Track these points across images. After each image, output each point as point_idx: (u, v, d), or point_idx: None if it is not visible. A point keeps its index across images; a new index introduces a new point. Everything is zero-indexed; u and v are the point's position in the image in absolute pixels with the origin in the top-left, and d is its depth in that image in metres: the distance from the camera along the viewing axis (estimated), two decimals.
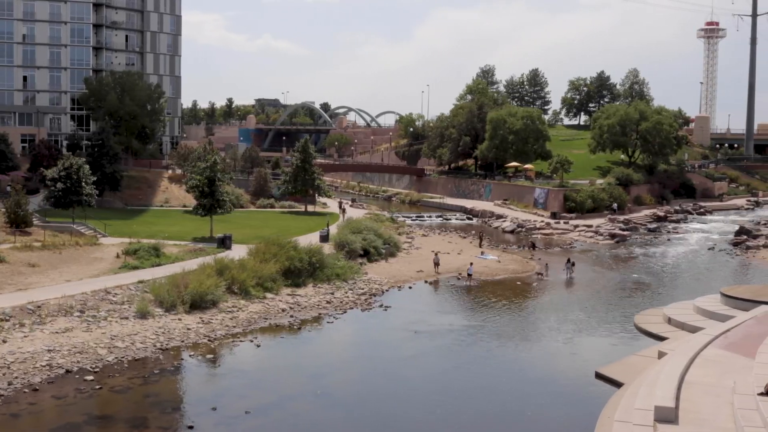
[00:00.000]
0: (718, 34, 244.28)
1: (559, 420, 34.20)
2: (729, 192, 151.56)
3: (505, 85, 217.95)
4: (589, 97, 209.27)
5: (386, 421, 33.80)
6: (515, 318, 53.37)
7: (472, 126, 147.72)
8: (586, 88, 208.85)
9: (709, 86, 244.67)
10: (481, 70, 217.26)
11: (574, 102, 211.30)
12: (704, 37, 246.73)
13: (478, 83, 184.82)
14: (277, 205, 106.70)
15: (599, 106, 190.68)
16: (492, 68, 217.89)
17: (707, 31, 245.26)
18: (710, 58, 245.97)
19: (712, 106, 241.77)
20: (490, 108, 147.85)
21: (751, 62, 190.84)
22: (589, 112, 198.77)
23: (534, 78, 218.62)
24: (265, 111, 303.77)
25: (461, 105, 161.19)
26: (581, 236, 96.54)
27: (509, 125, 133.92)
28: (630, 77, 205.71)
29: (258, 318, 49.58)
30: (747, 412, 28.92)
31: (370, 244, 72.08)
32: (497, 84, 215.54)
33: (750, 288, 54.48)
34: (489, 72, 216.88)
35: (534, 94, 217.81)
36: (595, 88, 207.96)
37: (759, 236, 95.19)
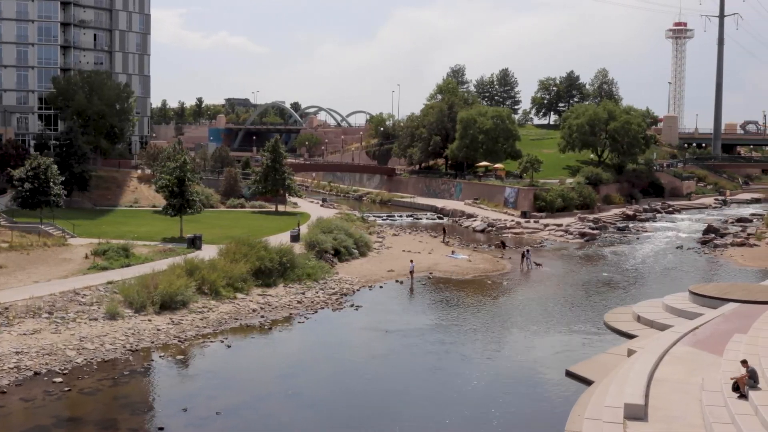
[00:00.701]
0: (686, 35, 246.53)
1: (530, 418, 34.33)
2: (697, 191, 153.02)
3: (476, 84, 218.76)
4: (558, 96, 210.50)
5: (357, 421, 33.75)
6: (485, 317, 53.49)
7: (442, 125, 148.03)
8: (555, 88, 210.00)
9: (678, 86, 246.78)
10: (452, 69, 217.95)
11: (543, 102, 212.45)
12: (672, 37, 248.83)
13: (449, 83, 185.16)
14: (247, 205, 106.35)
15: (569, 105, 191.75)
16: (462, 68, 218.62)
17: (675, 32, 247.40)
18: (678, 59, 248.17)
19: (680, 105, 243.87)
20: (460, 108, 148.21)
21: (718, 62, 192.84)
22: (559, 112, 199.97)
23: (504, 78, 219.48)
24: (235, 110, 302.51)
25: (431, 104, 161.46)
26: (551, 235, 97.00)
27: (479, 125, 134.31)
28: (599, 77, 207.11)
29: (228, 318, 49.37)
30: (715, 408, 29.22)
31: (341, 244, 72.01)
32: (467, 84, 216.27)
33: (718, 286, 54.99)
34: (459, 72, 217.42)
35: (504, 93, 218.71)
36: (564, 87, 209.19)
37: (726, 235, 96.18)
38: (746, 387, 29.99)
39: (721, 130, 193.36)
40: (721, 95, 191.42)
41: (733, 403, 29.34)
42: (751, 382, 30.29)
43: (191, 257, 56.24)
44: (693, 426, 28.73)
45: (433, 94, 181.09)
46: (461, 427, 33.03)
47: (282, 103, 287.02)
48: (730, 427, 27.61)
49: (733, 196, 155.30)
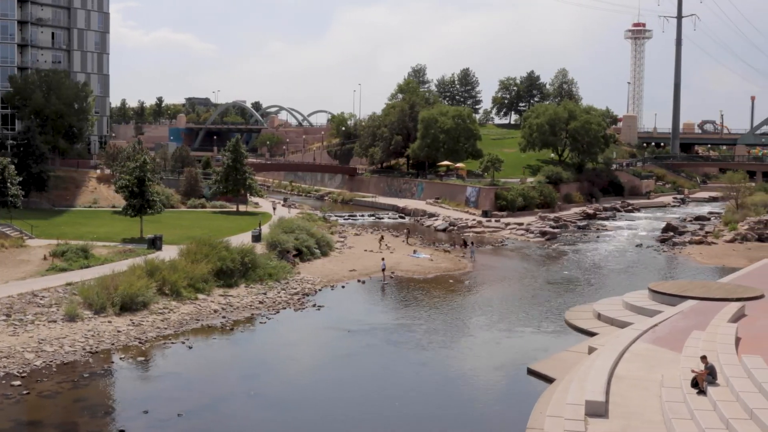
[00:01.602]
0: (645, 35, 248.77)
1: (492, 416, 34.47)
2: (656, 190, 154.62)
3: (437, 84, 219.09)
4: (519, 96, 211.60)
5: (320, 421, 33.68)
6: (447, 316, 53.64)
7: (403, 125, 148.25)
8: (516, 88, 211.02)
9: (636, 86, 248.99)
10: (413, 69, 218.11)
11: (504, 101, 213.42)
12: (631, 38, 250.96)
13: (409, 82, 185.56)
14: (208, 205, 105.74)
15: (529, 105, 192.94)
16: (423, 67, 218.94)
17: (634, 32, 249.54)
18: (637, 59, 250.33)
19: (639, 105, 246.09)
20: (421, 107, 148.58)
21: (676, 63, 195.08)
22: (520, 112, 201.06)
23: (465, 77, 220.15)
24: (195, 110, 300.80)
25: (393, 104, 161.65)
26: (512, 234, 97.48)
27: (440, 124, 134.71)
28: (559, 77, 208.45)
29: (190, 319, 49.04)
30: (674, 404, 29.53)
31: (303, 244, 71.84)
32: (429, 83, 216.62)
33: (676, 283, 55.58)
34: (420, 71, 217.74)
35: (465, 93, 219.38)
36: (525, 87, 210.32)
37: (685, 233, 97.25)
38: (705, 383, 30.35)
39: (679, 129, 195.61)
40: (679, 95, 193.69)
41: (692, 399, 29.67)
42: (710, 378, 30.66)
43: (152, 258, 55.83)
44: (653, 422, 29.02)
45: (394, 93, 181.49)
46: (423, 426, 33.08)
47: (243, 103, 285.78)
48: (689, 423, 27.92)
49: (691, 194, 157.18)
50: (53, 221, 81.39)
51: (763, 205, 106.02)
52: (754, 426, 26.60)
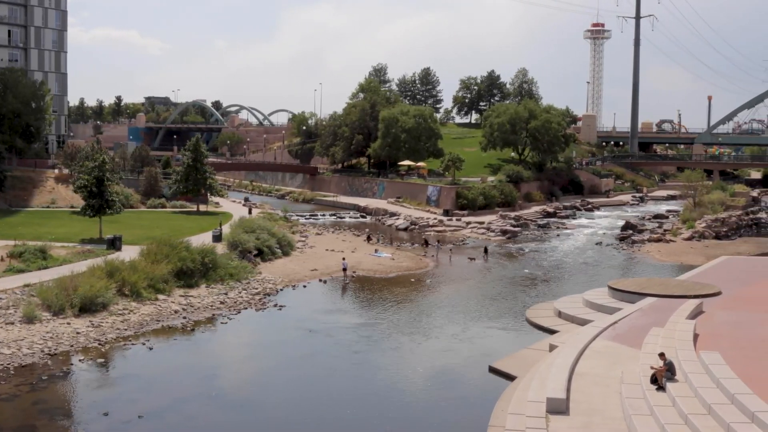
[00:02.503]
0: (604, 35, 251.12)
1: (454, 414, 34.55)
2: (615, 188, 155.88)
3: (398, 83, 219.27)
4: (479, 95, 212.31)
5: (281, 421, 33.60)
6: (409, 314, 53.73)
7: (364, 124, 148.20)
8: (476, 87, 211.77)
9: (596, 86, 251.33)
10: (374, 68, 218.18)
11: (465, 101, 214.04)
12: (590, 38, 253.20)
13: (370, 82, 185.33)
14: (168, 205, 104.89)
15: (490, 104, 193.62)
16: (384, 67, 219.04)
17: (593, 32, 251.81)
18: (596, 59, 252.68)
19: (598, 105, 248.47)
20: (382, 106, 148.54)
21: (634, 63, 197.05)
22: (480, 111, 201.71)
23: (426, 77, 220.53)
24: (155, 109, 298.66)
25: (354, 103, 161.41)
26: (473, 233, 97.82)
27: (401, 124, 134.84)
28: (519, 76, 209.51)
29: (150, 320, 48.66)
30: (634, 400, 29.82)
31: (264, 244, 71.56)
32: (390, 82, 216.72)
33: (636, 281, 56.15)
34: (381, 70, 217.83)
35: (426, 92, 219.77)
36: (485, 87, 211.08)
37: (644, 231, 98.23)
38: (664, 379, 30.68)
39: (637, 128, 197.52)
40: (637, 95, 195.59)
41: (652, 395, 29.98)
42: (669, 374, 31.00)
43: (111, 258, 55.27)
44: (613, 418, 29.29)
45: (355, 92, 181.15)
46: (386, 425, 33.11)
47: (203, 102, 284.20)
48: (649, 419, 28.21)
49: (650, 193, 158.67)
50: (10, 222, 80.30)
51: (720, 204, 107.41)
52: (712, 421, 26.95)
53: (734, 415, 26.83)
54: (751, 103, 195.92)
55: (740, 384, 29.16)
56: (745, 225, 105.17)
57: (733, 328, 40.34)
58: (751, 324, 41.11)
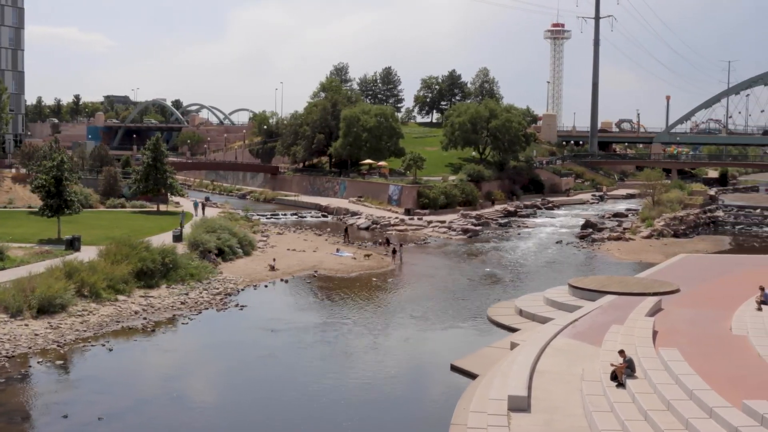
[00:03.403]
0: (564, 36, 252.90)
1: (416, 413, 34.61)
2: (575, 187, 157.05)
3: (359, 82, 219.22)
4: (441, 95, 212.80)
5: (243, 422, 33.46)
6: (370, 314, 53.72)
7: (326, 124, 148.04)
8: (438, 87, 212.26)
9: (556, 85, 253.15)
10: (335, 67, 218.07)
11: (426, 100, 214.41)
12: (551, 38, 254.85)
13: (332, 81, 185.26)
14: (128, 204, 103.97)
15: (451, 104, 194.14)
16: (345, 66, 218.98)
17: (553, 32, 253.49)
18: (556, 59, 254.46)
19: (558, 104, 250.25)
20: (344, 106, 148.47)
21: (594, 63, 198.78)
22: (442, 110, 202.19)
23: (387, 76, 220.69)
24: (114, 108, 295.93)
25: (315, 102, 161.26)
26: (435, 232, 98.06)
27: (363, 123, 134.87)
28: (480, 76, 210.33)
29: (110, 321, 48.20)
30: (594, 397, 30.06)
31: (225, 243, 71.20)
32: (351, 82, 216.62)
33: (596, 279, 56.60)
34: (342, 70, 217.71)
35: (387, 92, 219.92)
36: (446, 86, 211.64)
37: (603, 229, 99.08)
38: (624, 376, 30.96)
39: (597, 128, 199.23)
40: (597, 94, 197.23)
41: (612, 392, 30.24)
42: (629, 371, 31.28)
43: (70, 259, 54.62)
44: (574, 415, 29.50)
45: (316, 92, 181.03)
46: (346, 425, 33.09)
47: (163, 101, 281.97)
48: (609, 415, 28.45)
49: (609, 192, 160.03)
50: None
51: (678, 202, 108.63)
52: (671, 417, 27.24)
53: (693, 410, 27.15)
54: (709, 103, 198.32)
55: (698, 380, 29.51)
56: (703, 223, 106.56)
57: (691, 325, 40.81)
58: (709, 320, 41.61)
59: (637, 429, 26.89)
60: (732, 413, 26.17)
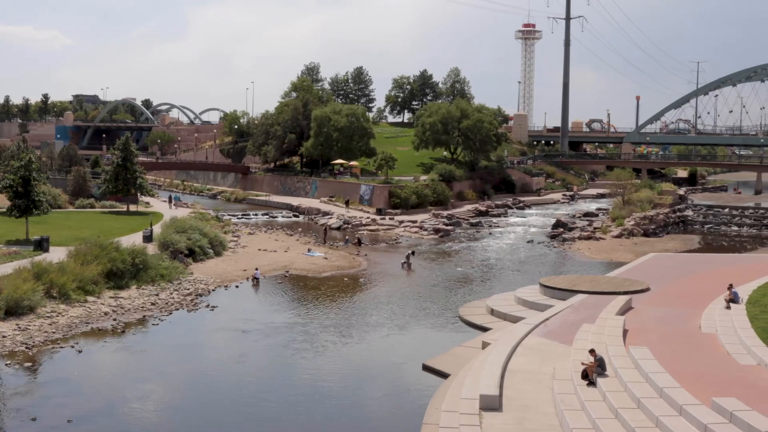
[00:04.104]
0: (535, 36, 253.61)
1: (388, 413, 34.59)
2: (546, 187, 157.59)
3: (330, 82, 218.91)
4: (412, 95, 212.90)
5: (214, 423, 33.28)
6: (342, 314, 53.63)
7: (297, 123, 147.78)
8: (409, 87, 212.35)
9: (527, 85, 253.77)
10: (306, 67, 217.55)
11: (398, 100, 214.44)
12: (522, 38, 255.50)
13: (303, 81, 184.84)
14: (97, 205, 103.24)
15: (422, 104, 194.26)
16: (317, 66, 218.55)
17: (524, 33, 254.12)
18: (527, 59, 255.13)
19: (529, 104, 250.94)
20: (315, 105, 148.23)
21: (565, 63, 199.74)
22: (413, 110, 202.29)
23: (358, 76, 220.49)
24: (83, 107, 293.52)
25: (286, 102, 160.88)
26: (406, 231, 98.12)
27: (334, 123, 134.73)
28: (452, 76, 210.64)
29: (79, 322, 47.79)
30: (566, 396, 30.17)
31: (195, 244, 70.85)
32: (322, 81, 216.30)
33: (566, 278, 56.86)
34: (314, 69, 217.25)
35: (359, 91, 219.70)
36: (418, 86, 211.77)
37: (574, 229, 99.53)
38: (595, 375, 31.10)
39: (568, 128, 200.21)
40: (567, 94, 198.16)
41: (583, 390, 30.37)
42: (599, 369, 31.44)
43: (38, 260, 54.14)
44: (545, 414, 29.60)
45: (287, 91, 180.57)
46: (319, 426, 33.01)
47: (133, 100, 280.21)
48: (580, 413, 28.58)
49: (580, 191, 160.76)
50: None
51: (648, 202, 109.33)
52: (641, 415, 27.40)
53: (663, 408, 27.33)
54: (678, 104, 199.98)
55: (668, 378, 29.70)
56: (673, 222, 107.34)
57: (661, 324, 41.08)
58: (679, 319, 41.91)
59: (608, 427, 27.03)
60: (701, 411, 26.37)
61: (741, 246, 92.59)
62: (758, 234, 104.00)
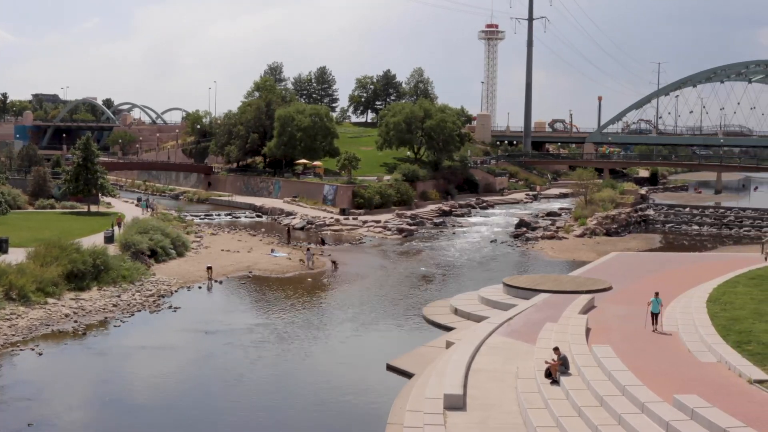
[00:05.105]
0: (498, 36, 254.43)
1: (352, 413, 34.53)
2: (509, 186, 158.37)
3: (293, 82, 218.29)
4: (375, 95, 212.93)
5: (178, 424, 33.05)
6: (306, 314, 53.50)
7: (260, 123, 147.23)
8: (372, 87, 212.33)
9: (490, 86, 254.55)
10: (269, 67, 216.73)
11: (361, 100, 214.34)
12: (485, 38, 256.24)
13: (266, 80, 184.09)
14: (58, 205, 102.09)
15: (386, 104, 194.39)
16: (280, 65, 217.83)
17: (487, 33, 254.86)
18: (491, 59, 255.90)
19: (492, 104, 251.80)
20: (278, 105, 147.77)
21: (527, 63, 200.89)
22: (376, 110, 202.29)
23: (322, 75, 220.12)
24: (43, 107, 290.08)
25: (249, 102, 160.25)
26: (370, 231, 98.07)
27: (297, 122, 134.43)
28: (415, 76, 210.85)
29: (39, 325, 47.18)
30: (529, 395, 30.31)
31: (158, 244, 70.28)
32: (285, 81, 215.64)
33: (530, 278, 57.12)
34: (277, 69, 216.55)
35: (322, 91, 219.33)
36: (381, 86, 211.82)
37: (537, 228, 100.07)
38: (558, 373, 31.26)
39: (531, 128, 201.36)
40: (530, 95, 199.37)
41: (546, 388, 30.52)
42: (563, 368, 31.61)
43: None
44: (509, 412, 29.71)
45: (250, 91, 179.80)
46: (283, 426, 32.90)
47: (94, 100, 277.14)
48: (544, 412, 28.71)
49: (543, 191, 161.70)
50: None
51: (610, 201, 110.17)
52: (604, 413, 27.58)
53: (625, 406, 27.53)
54: (639, 104, 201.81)
55: (630, 376, 29.93)
56: (634, 222, 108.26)
57: (623, 322, 41.40)
58: (641, 317, 42.20)
59: (571, 425, 27.18)
60: (663, 408, 26.60)
61: (701, 245, 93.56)
62: (718, 233, 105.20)
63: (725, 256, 73.11)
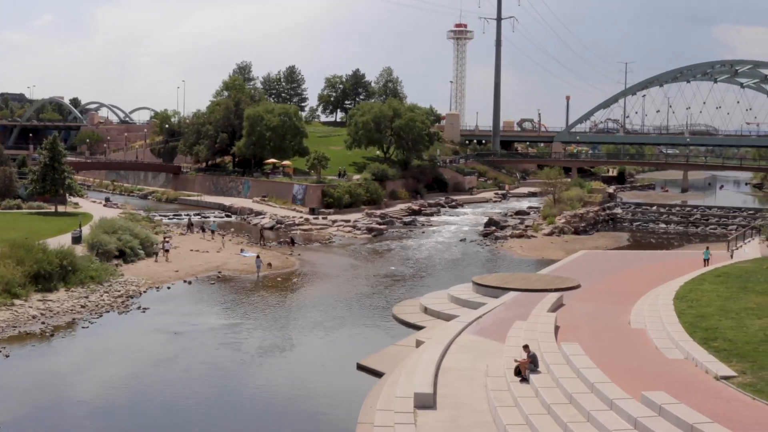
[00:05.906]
0: (467, 36, 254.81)
1: (323, 413, 34.51)
2: (478, 186, 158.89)
3: (263, 81, 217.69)
4: (345, 94, 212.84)
5: (147, 426, 32.88)
6: (275, 314, 53.40)
7: (229, 123, 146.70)
8: (342, 86, 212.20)
9: (459, 85, 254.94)
10: (238, 66, 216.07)
11: (330, 99, 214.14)
12: (454, 38, 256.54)
13: (235, 80, 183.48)
14: (24, 206, 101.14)
15: (355, 103, 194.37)
16: (249, 65, 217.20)
17: (456, 33, 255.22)
18: (459, 59, 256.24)
19: (461, 104, 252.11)
20: (247, 105, 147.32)
21: (496, 63, 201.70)
22: (346, 109, 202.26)
23: (291, 75, 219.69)
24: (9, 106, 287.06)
25: (218, 101, 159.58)
26: (339, 231, 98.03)
27: (266, 122, 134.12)
28: (384, 75, 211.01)
29: (6, 326, 46.69)
30: (499, 393, 30.46)
31: (126, 245, 69.81)
32: (254, 80, 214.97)
33: (499, 276, 57.34)
34: (246, 68, 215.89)
35: (291, 91, 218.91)
36: (350, 85, 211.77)
37: (506, 227, 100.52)
38: (527, 371, 31.42)
39: (499, 127, 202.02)
40: (499, 94, 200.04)
41: (516, 387, 30.67)
42: (532, 366, 31.77)
43: None
44: (479, 410, 29.83)
45: (219, 90, 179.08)
46: (253, 427, 32.83)
47: (61, 99, 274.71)
48: (513, 410, 28.86)
49: (512, 190, 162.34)
50: None
51: (578, 200, 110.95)
52: (573, 410, 27.76)
53: (594, 403, 27.72)
54: (607, 103, 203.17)
55: (599, 373, 30.14)
56: (602, 220, 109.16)
57: (591, 320, 41.70)
58: (608, 315, 42.59)
59: (541, 422, 27.33)
60: (631, 404, 26.81)
61: (668, 243, 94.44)
62: (685, 231, 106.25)
63: (692, 254, 73.74)
